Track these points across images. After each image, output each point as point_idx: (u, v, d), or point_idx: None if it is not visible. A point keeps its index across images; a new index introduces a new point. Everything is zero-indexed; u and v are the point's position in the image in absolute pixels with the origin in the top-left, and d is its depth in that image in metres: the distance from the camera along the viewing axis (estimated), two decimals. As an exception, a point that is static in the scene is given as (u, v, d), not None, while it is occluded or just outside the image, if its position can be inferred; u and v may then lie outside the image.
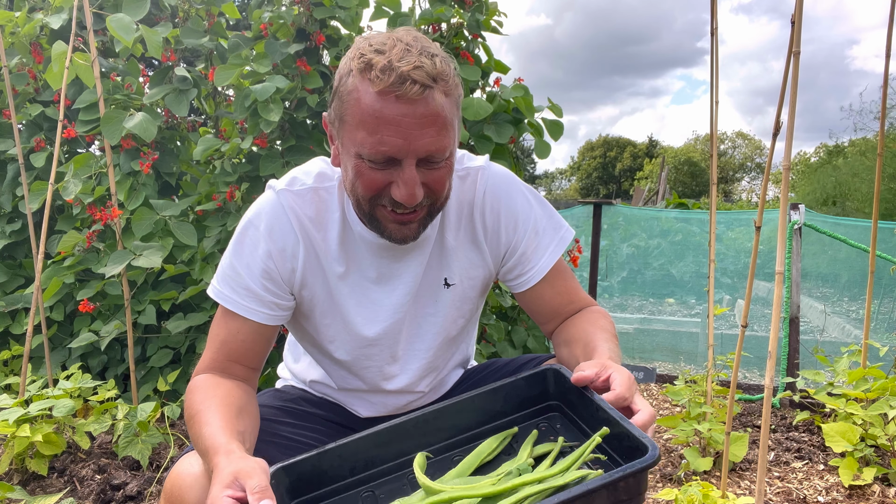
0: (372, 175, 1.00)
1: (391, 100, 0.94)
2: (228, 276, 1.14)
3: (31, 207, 2.83)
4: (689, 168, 41.88)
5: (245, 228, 1.15)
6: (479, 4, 2.84)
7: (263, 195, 1.17)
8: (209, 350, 1.16)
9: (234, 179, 2.82)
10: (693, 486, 1.65)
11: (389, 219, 1.05)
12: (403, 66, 0.93)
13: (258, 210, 1.15)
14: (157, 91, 2.92)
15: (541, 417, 1.08)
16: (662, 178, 13.03)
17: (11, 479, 2.16)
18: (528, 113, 2.85)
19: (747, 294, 1.71)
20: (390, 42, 0.96)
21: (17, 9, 3.25)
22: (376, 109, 0.95)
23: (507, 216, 1.22)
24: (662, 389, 2.76)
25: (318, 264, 1.16)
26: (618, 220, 5.88)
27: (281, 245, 1.13)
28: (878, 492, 2.10)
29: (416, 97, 0.94)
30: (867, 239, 2.68)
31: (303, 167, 1.19)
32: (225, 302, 1.14)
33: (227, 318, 1.15)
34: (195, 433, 1.01)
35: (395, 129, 0.95)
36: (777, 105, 1.51)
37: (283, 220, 1.13)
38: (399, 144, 0.96)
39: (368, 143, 0.96)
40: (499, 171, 1.24)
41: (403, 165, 0.98)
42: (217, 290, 1.16)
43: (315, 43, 2.86)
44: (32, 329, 2.48)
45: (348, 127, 0.99)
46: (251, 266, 1.13)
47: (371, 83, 0.94)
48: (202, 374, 1.14)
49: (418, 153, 0.98)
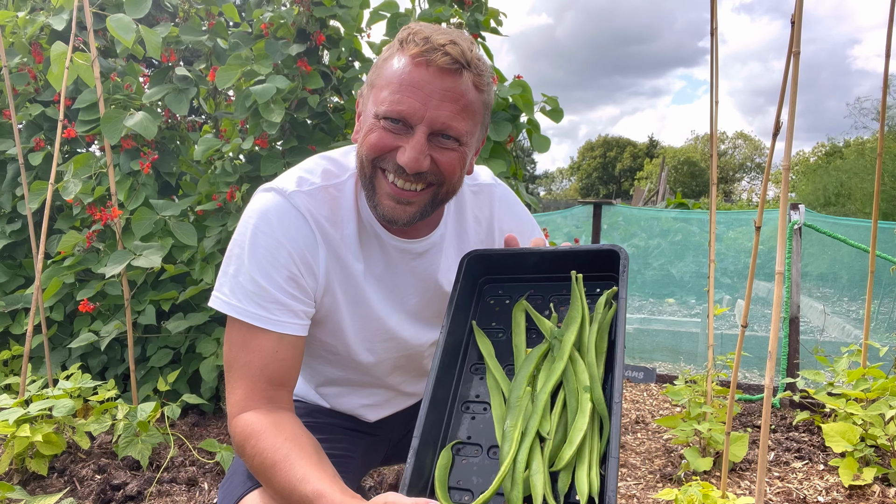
0: (382, 134, 1.01)
1: (421, 65, 0.98)
2: (251, 291, 1.04)
3: (30, 207, 2.83)
4: (688, 168, 41.88)
5: (255, 235, 1.05)
6: (479, 5, 2.84)
7: (263, 198, 1.09)
8: (243, 380, 1.04)
9: (234, 179, 2.82)
10: (693, 486, 1.65)
11: (387, 191, 1.04)
12: (441, 39, 0.98)
13: (263, 214, 1.06)
14: (156, 90, 2.92)
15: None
16: (662, 179, 13.03)
17: (11, 479, 2.16)
18: (527, 110, 2.85)
19: (747, 294, 1.71)
20: (436, 27, 1.01)
21: (18, 9, 3.25)
22: (405, 72, 0.98)
23: (518, 232, 1.28)
24: (662, 389, 2.76)
25: (339, 265, 1.12)
26: (618, 220, 5.88)
27: (301, 248, 1.07)
28: (878, 492, 2.10)
29: (445, 67, 0.97)
30: (867, 239, 2.68)
31: (303, 167, 1.15)
32: (255, 321, 1.03)
33: (258, 338, 1.04)
34: (284, 485, 0.93)
35: (416, 91, 0.98)
36: (777, 105, 1.51)
37: (299, 223, 1.07)
38: (415, 107, 0.98)
39: (388, 100, 0.99)
40: (507, 189, 1.32)
41: (415, 131, 1.00)
42: (240, 308, 1.04)
43: (315, 43, 2.86)
44: (32, 329, 2.48)
45: (375, 90, 1.02)
46: (275, 275, 1.04)
47: (406, 49, 0.99)
48: (249, 414, 1.02)
49: (433, 123, 0.99)
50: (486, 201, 1.25)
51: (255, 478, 1.02)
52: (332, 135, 3.05)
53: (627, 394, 3.53)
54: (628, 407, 3.28)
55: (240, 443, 1.01)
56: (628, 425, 2.97)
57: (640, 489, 2.24)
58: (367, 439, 1.35)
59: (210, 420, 2.84)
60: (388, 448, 1.42)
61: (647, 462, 2.49)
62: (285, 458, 0.95)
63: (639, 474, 2.38)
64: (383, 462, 1.47)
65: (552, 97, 2.92)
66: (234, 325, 1.06)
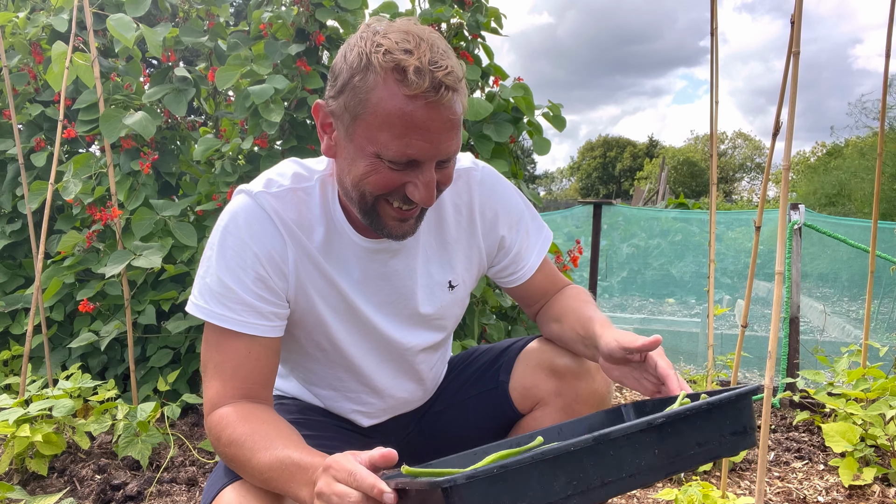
0: (389, 175, 0.98)
1: (421, 104, 0.93)
2: (218, 292, 1.05)
3: (30, 207, 2.83)
4: (688, 168, 41.88)
5: (224, 237, 1.06)
6: (479, 5, 2.84)
7: (235, 201, 1.10)
8: (216, 379, 1.05)
9: (234, 179, 2.82)
10: (693, 485, 1.65)
11: (392, 215, 1.04)
12: (436, 70, 0.92)
13: (232, 215, 1.07)
14: (156, 90, 2.92)
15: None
16: (662, 179, 13.03)
17: (11, 479, 2.16)
18: (528, 112, 2.85)
19: (747, 294, 1.71)
20: (413, 40, 0.94)
21: (18, 9, 3.25)
22: (406, 113, 0.93)
23: (505, 215, 1.26)
24: (662, 389, 2.76)
25: (311, 265, 1.12)
26: (618, 220, 5.88)
27: (268, 248, 1.07)
28: (878, 492, 2.10)
29: (446, 103, 0.94)
30: (867, 239, 2.68)
31: (275, 169, 1.15)
32: (222, 321, 1.05)
33: (229, 340, 1.06)
34: (260, 463, 0.93)
35: (423, 133, 0.94)
36: (777, 105, 1.51)
37: (265, 223, 1.07)
38: (426, 149, 0.96)
39: (394, 145, 0.95)
40: (489, 171, 1.26)
41: (423, 168, 0.98)
42: (206, 309, 1.06)
43: (315, 43, 2.86)
44: (32, 329, 2.48)
45: (366, 125, 0.96)
46: (242, 277, 1.05)
47: (402, 86, 0.92)
48: (223, 408, 1.02)
49: (441, 156, 0.98)
50: (464, 186, 1.22)
51: (232, 470, 1.02)
52: (331, 135, 3.05)
53: (627, 393, 3.53)
54: (628, 407, 3.28)
55: (215, 436, 1.01)
56: (628, 425, 2.97)
57: (640, 489, 2.24)
58: (361, 440, 1.34)
59: (210, 420, 2.84)
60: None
61: (647, 462, 2.49)
62: (252, 438, 0.96)
63: (639, 474, 2.37)
64: None
65: (556, 104, 2.92)
66: (208, 327, 1.08)
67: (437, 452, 1.50)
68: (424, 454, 1.48)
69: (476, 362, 1.41)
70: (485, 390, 1.37)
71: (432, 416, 1.40)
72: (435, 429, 1.40)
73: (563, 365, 1.28)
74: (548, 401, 1.29)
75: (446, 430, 1.40)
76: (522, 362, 1.34)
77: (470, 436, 1.41)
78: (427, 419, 1.40)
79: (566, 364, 1.28)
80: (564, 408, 1.27)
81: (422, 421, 1.40)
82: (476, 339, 2.70)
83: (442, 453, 1.46)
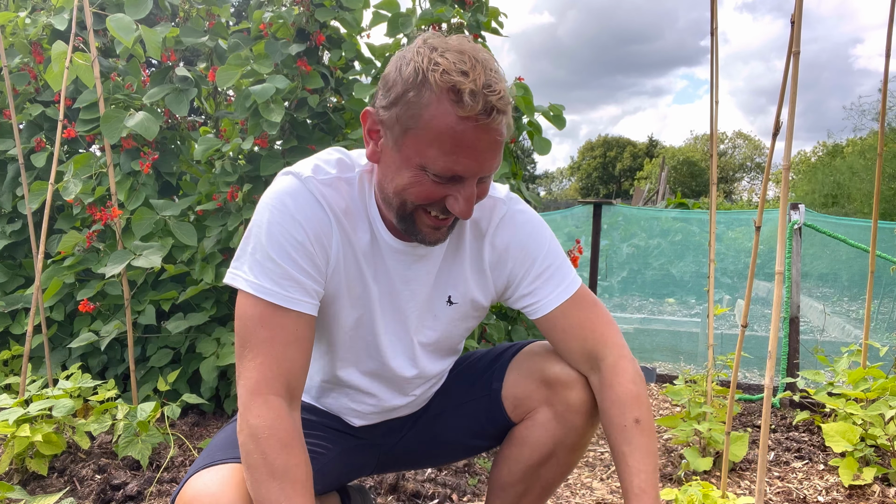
0: (432, 187, 1.02)
1: (472, 125, 0.97)
2: (268, 268, 1.04)
3: (30, 207, 2.83)
4: (688, 168, 41.88)
5: (273, 214, 1.06)
6: (479, 5, 2.84)
7: (282, 181, 1.10)
8: (264, 356, 1.03)
9: (234, 179, 2.82)
10: (693, 485, 1.65)
11: (428, 223, 1.08)
12: (489, 94, 0.96)
13: (280, 195, 1.08)
14: (157, 91, 2.92)
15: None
16: (662, 178, 13.03)
17: (11, 479, 2.16)
18: (528, 112, 2.85)
19: (747, 294, 1.71)
20: (469, 61, 0.97)
21: (18, 9, 3.25)
22: (457, 132, 0.97)
23: (517, 250, 1.24)
24: (662, 389, 2.76)
25: (350, 254, 1.14)
26: (618, 220, 5.88)
27: (317, 228, 1.08)
28: (878, 492, 2.10)
29: (495, 126, 0.98)
30: (867, 239, 2.68)
31: (320, 156, 1.16)
32: (272, 297, 1.04)
33: (277, 316, 1.04)
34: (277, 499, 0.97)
35: (471, 152, 0.99)
36: (777, 105, 1.51)
37: (314, 205, 1.08)
38: (472, 167, 1.00)
39: (442, 161, 0.99)
40: (518, 208, 1.25)
41: (466, 183, 1.03)
42: (256, 284, 1.04)
43: (315, 43, 2.86)
44: (32, 329, 2.48)
45: (416, 139, 1.00)
46: (292, 253, 1.05)
47: (457, 106, 0.96)
48: (267, 404, 1.01)
49: (483, 173, 1.03)
50: (487, 213, 1.24)
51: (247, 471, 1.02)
52: (331, 134, 3.06)
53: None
54: (628, 407, 3.28)
55: (252, 431, 1.00)
56: (628, 425, 2.97)
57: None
58: (350, 441, 1.33)
59: (210, 420, 2.84)
60: (381, 455, 1.39)
61: (647, 462, 2.49)
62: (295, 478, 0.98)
63: (639, 474, 2.37)
64: (378, 469, 1.45)
65: (557, 105, 2.92)
66: (248, 302, 1.05)
67: (429, 457, 1.50)
68: (417, 458, 1.48)
69: (472, 367, 1.41)
70: (478, 397, 1.36)
71: (426, 421, 1.39)
72: (428, 434, 1.39)
73: (554, 374, 1.26)
74: (540, 410, 1.28)
75: (440, 436, 1.40)
76: (514, 370, 1.33)
77: (463, 442, 1.41)
78: (421, 424, 1.39)
79: (556, 373, 1.26)
80: (556, 417, 1.27)
81: (415, 426, 1.39)
82: (476, 340, 2.70)
83: (435, 457, 1.45)
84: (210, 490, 1.00)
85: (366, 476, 1.65)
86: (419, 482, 2.12)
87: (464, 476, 2.22)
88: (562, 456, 1.30)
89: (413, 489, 2.06)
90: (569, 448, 1.29)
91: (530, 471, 1.31)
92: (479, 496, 2.09)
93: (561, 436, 1.27)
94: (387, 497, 2.04)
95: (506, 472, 1.34)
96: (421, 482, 2.12)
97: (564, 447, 1.28)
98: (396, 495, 2.05)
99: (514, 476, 1.33)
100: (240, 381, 1.05)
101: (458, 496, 2.08)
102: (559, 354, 1.28)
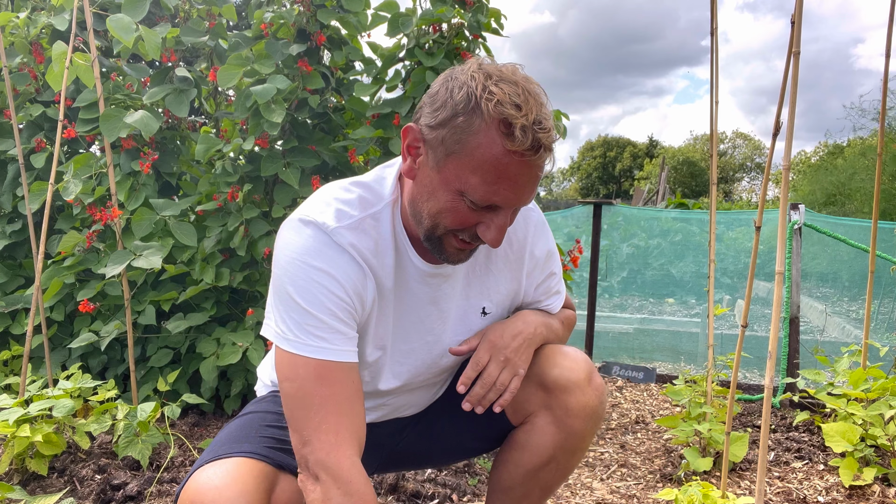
0: (468, 214, 1.02)
1: (517, 159, 0.96)
2: (311, 325, 1.02)
3: (31, 208, 2.83)
4: (688, 168, 41.87)
5: (303, 271, 1.03)
6: (480, 5, 2.84)
7: (304, 233, 1.06)
8: (333, 415, 1.00)
9: (234, 180, 2.82)
10: (693, 486, 1.65)
11: (455, 246, 1.07)
12: (539, 131, 0.96)
13: (307, 251, 1.04)
14: (157, 91, 2.92)
15: None
16: (662, 179, 13.03)
17: (11, 479, 2.16)
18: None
19: (747, 294, 1.71)
20: (522, 94, 0.96)
21: (19, 9, 3.25)
22: (503, 164, 0.97)
23: (546, 260, 1.31)
24: (662, 389, 2.76)
25: (380, 292, 1.14)
26: (618, 220, 5.87)
27: (354, 283, 1.06)
28: (878, 492, 2.10)
29: (540, 162, 0.99)
30: (867, 239, 2.68)
31: (336, 197, 1.11)
32: (328, 355, 1.02)
33: (331, 371, 1.02)
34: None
35: (512, 185, 0.99)
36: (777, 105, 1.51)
37: (347, 260, 1.06)
38: (511, 199, 1.01)
39: (482, 190, 0.99)
40: (541, 214, 1.31)
41: (501, 213, 1.03)
42: (304, 343, 1.02)
43: (316, 43, 2.86)
44: (32, 329, 2.48)
45: (459, 164, 0.98)
46: (330, 306, 1.03)
47: (507, 140, 0.95)
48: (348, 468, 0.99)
49: (520, 205, 1.04)
50: (521, 223, 1.25)
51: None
52: (332, 134, 3.05)
53: (627, 394, 3.53)
54: (628, 407, 3.28)
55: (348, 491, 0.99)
56: (628, 425, 2.97)
57: (640, 489, 2.24)
58: None
59: (210, 420, 2.84)
60: (384, 455, 1.39)
61: (647, 462, 2.49)
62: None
63: (639, 474, 2.38)
64: (380, 469, 1.46)
65: (557, 111, 2.91)
66: (297, 361, 1.02)
67: (431, 458, 1.50)
68: (419, 458, 1.48)
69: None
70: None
71: (429, 422, 1.40)
72: (430, 435, 1.40)
73: (552, 378, 1.26)
74: (538, 414, 1.28)
75: (441, 437, 1.40)
76: None
77: (464, 444, 1.41)
78: (423, 424, 1.40)
79: (555, 377, 1.25)
80: (555, 422, 1.26)
81: (418, 426, 1.40)
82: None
83: (436, 458, 1.45)
84: (214, 483, 1.00)
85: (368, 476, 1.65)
86: (419, 482, 2.12)
87: (464, 476, 2.22)
88: (562, 460, 1.30)
89: (413, 489, 2.06)
90: (568, 452, 1.29)
91: (530, 475, 1.31)
92: (479, 496, 2.09)
93: (560, 440, 1.27)
94: (387, 497, 2.05)
95: (505, 475, 1.34)
96: (421, 482, 2.12)
97: (564, 451, 1.28)
98: (396, 495, 2.05)
99: (513, 480, 1.33)
100: (309, 455, 1.01)
101: (458, 496, 2.08)
102: (556, 356, 1.29)
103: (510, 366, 1.21)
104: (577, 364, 1.26)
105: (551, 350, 1.30)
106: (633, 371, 3.84)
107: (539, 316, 1.31)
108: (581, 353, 1.30)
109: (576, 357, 1.28)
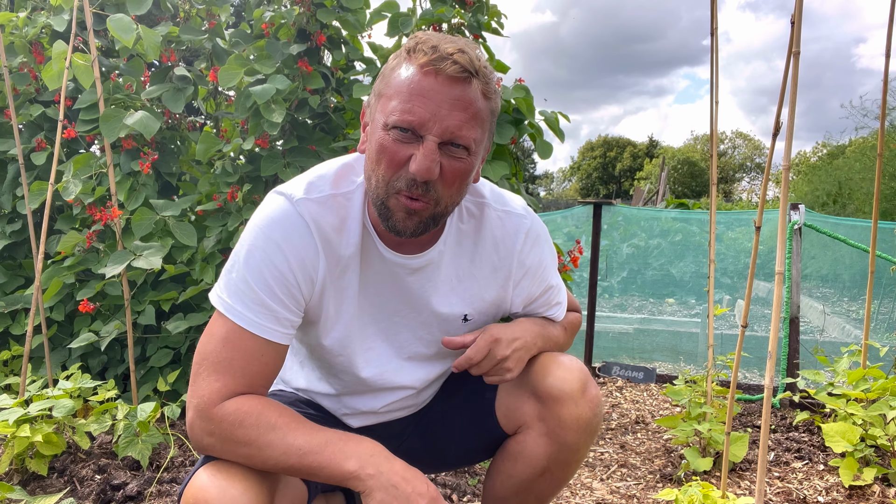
0: (395, 148, 1.01)
1: (430, 73, 0.99)
2: (241, 290, 1.04)
3: (30, 208, 2.83)
4: (688, 168, 41.86)
5: (256, 237, 1.06)
6: (480, 5, 2.84)
7: (273, 202, 1.09)
8: (224, 374, 1.02)
9: (234, 180, 2.82)
10: (693, 486, 1.65)
11: (400, 205, 1.04)
12: (449, 47, 0.99)
13: (269, 219, 1.07)
14: (155, 88, 2.92)
15: None
16: (662, 179, 13.03)
17: (11, 479, 2.16)
18: (528, 114, 2.84)
19: (747, 294, 1.71)
20: (448, 37, 1.02)
21: (19, 9, 3.25)
22: (414, 81, 0.99)
23: (537, 270, 1.26)
24: (662, 389, 2.76)
25: (336, 275, 1.12)
26: (618, 220, 5.87)
27: (301, 256, 1.07)
28: (878, 492, 2.10)
29: (454, 75, 0.99)
30: (867, 239, 2.68)
31: (316, 171, 1.14)
32: (239, 319, 1.04)
33: (242, 339, 1.04)
34: (298, 439, 0.99)
35: (426, 101, 0.99)
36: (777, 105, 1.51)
37: (302, 231, 1.07)
38: (426, 117, 0.99)
39: (398, 110, 0.99)
40: (539, 224, 1.27)
41: (425, 140, 1.00)
42: (228, 304, 1.05)
43: (316, 43, 2.86)
44: (32, 329, 2.48)
45: (383, 100, 1.03)
46: (269, 280, 1.05)
47: (414, 58, 1.00)
48: (237, 399, 1.02)
49: (442, 133, 1.00)
50: (510, 230, 1.22)
51: (240, 459, 1.02)
52: (332, 134, 3.05)
53: (627, 394, 3.53)
54: (628, 407, 3.28)
55: (233, 423, 1.00)
56: (628, 425, 2.97)
57: (640, 489, 2.24)
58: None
59: (210, 420, 2.83)
60: None
61: (647, 462, 2.49)
62: (289, 421, 1.01)
63: (639, 474, 2.38)
64: None
65: (556, 113, 2.91)
66: (218, 320, 1.06)
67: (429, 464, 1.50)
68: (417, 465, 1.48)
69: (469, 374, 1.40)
70: (473, 406, 1.34)
71: (425, 428, 1.39)
72: (427, 441, 1.38)
73: (545, 389, 1.22)
74: (531, 425, 1.25)
75: (437, 444, 1.38)
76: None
77: (459, 453, 1.40)
78: (420, 430, 1.39)
79: (548, 387, 1.21)
80: (548, 433, 1.23)
81: (415, 431, 1.39)
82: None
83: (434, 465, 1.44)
84: (217, 481, 1.00)
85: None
86: (419, 482, 2.12)
87: (464, 476, 2.22)
88: (556, 471, 1.27)
89: (413, 489, 2.06)
90: (562, 464, 1.25)
91: (523, 486, 1.29)
92: (479, 496, 2.09)
93: (553, 452, 1.23)
94: (387, 497, 2.04)
95: (499, 485, 1.32)
96: (421, 482, 2.12)
97: (558, 463, 1.25)
98: (396, 495, 2.05)
99: (506, 490, 1.30)
100: (197, 394, 1.02)
101: (457, 496, 2.08)
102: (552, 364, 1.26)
103: (502, 367, 1.20)
104: (571, 374, 1.22)
105: (547, 358, 1.26)
106: (633, 371, 3.84)
107: (538, 325, 1.28)
108: (577, 363, 1.26)
109: (570, 366, 1.23)
